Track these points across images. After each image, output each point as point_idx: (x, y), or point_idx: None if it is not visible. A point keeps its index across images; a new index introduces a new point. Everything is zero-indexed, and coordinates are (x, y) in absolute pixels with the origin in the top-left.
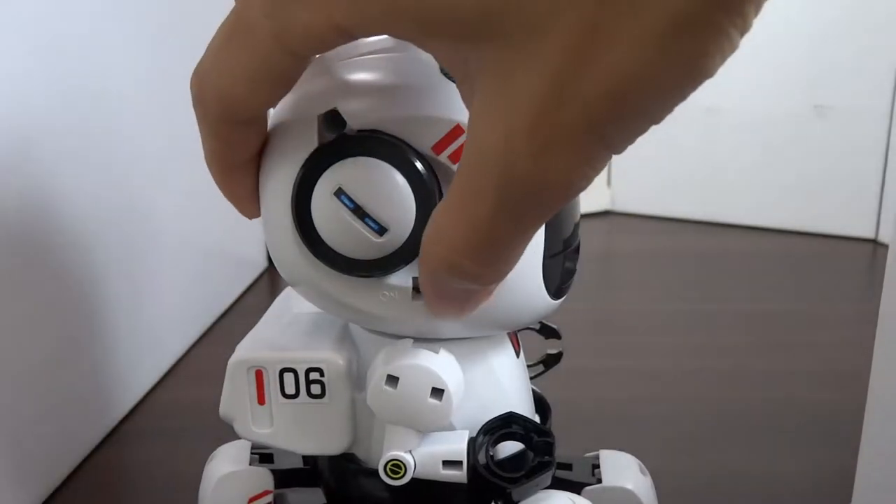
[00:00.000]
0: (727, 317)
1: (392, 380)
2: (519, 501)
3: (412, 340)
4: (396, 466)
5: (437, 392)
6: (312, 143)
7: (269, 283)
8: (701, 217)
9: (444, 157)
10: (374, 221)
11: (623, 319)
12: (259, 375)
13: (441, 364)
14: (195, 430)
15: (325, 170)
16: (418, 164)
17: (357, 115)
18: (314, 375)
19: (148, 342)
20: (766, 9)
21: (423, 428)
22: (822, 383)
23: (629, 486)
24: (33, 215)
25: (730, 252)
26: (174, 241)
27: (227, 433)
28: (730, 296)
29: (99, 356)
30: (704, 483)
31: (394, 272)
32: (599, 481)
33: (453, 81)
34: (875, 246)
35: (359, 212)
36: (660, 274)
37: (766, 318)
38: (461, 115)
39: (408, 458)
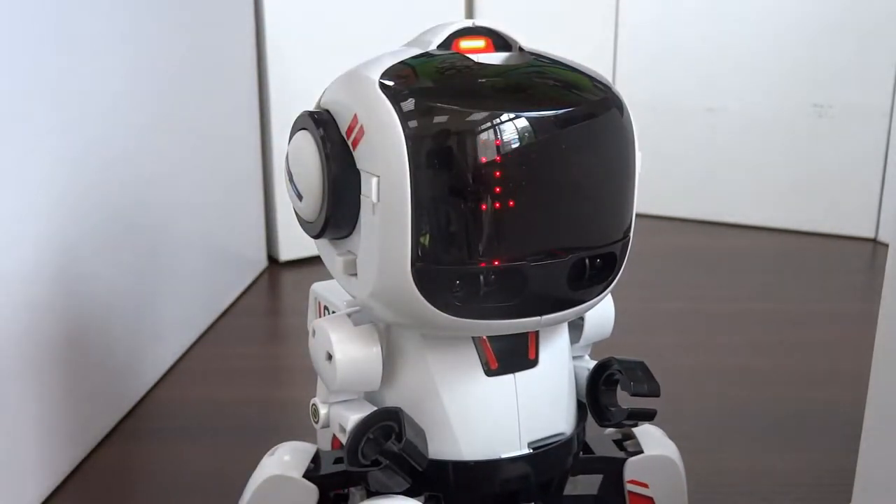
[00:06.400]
0: (727, 316)
1: (314, 333)
2: (376, 491)
3: (350, 314)
4: (313, 411)
5: (331, 357)
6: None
7: (269, 283)
8: (701, 217)
9: (349, 141)
10: (295, 187)
11: (622, 319)
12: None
13: (341, 335)
14: (195, 430)
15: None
16: (329, 142)
17: (324, 95)
18: None
19: (148, 341)
20: (765, 9)
21: (325, 383)
22: (822, 383)
23: (672, 454)
24: (33, 216)
25: (730, 252)
26: (174, 241)
27: (227, 433)
28: (730, 295)
29: (99, 355)
30: (704, 482)
31: (320, 238)
32: (630, 454)
33: None
34: (875, 246)
35: (290, 176)
36: (660, 274)
37: (765, 318)
38: (359, 107)
39: (321, 408)
